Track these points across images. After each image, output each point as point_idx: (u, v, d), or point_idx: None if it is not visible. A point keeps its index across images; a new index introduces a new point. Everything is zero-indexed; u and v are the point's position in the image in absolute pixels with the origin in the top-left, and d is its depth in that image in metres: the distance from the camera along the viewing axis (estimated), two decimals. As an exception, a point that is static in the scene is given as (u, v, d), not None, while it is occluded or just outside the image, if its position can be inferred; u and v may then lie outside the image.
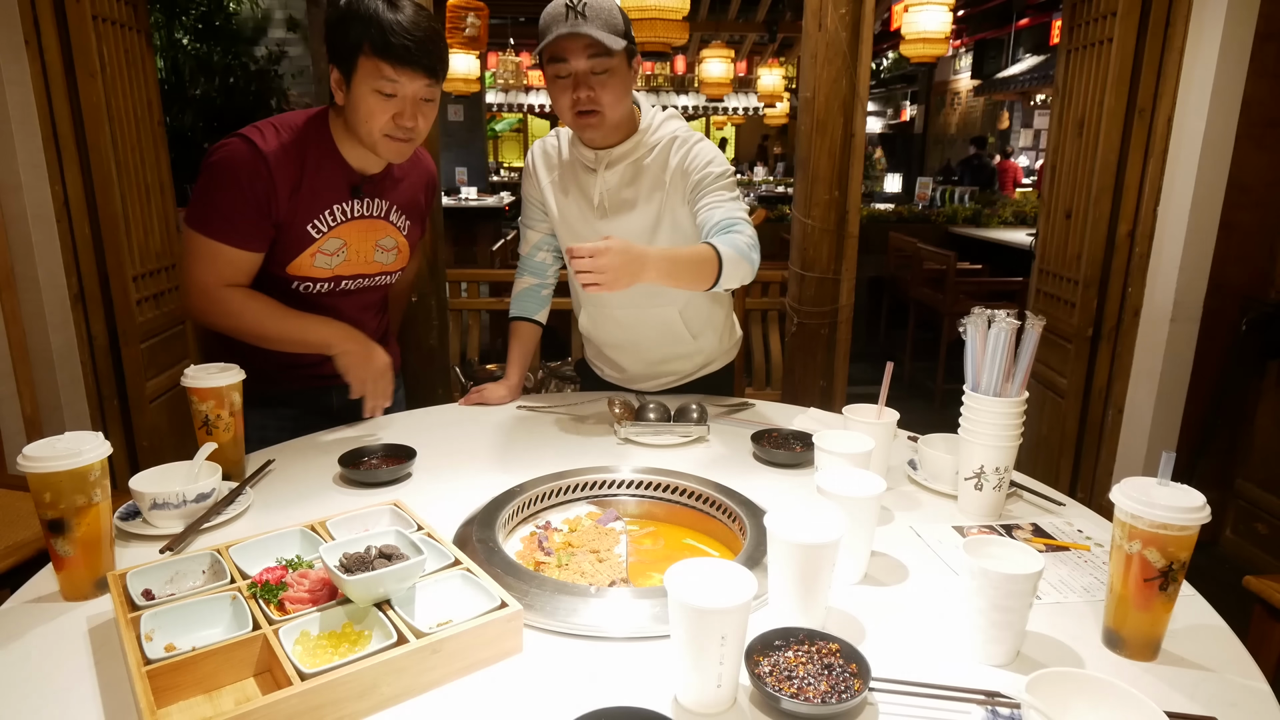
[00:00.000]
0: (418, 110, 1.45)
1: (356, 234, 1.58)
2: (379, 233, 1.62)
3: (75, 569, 0.97)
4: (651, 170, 1.63)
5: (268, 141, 1.45)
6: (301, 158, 1.47)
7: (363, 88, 1.41)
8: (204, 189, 1.45)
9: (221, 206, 1.44)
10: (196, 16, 4.24)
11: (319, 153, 1.50)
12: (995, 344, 1.16)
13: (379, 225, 1.61)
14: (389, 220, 1.62)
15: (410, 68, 1.39)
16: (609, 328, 1.79)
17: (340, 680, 0.76)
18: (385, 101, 1.41)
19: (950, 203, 7.26)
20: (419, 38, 1.38)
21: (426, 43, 1.40)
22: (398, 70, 1.39)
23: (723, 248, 1.41)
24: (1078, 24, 2.81)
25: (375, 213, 1.59)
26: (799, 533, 0.87)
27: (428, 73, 1.42)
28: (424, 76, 1.42)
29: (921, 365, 5.06)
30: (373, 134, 1.45)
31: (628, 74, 1.54)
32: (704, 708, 0.79)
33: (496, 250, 4.64)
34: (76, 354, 2.42)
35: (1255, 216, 2.59)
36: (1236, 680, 0.85)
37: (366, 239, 1.60)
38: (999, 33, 11.09)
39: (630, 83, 1.56)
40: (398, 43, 1.37)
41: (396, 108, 1.42)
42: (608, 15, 1.48)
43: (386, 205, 1.61)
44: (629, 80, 1.55)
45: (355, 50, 1.38)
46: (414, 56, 1.39)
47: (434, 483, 1.34)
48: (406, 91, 1.42)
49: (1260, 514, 2.74)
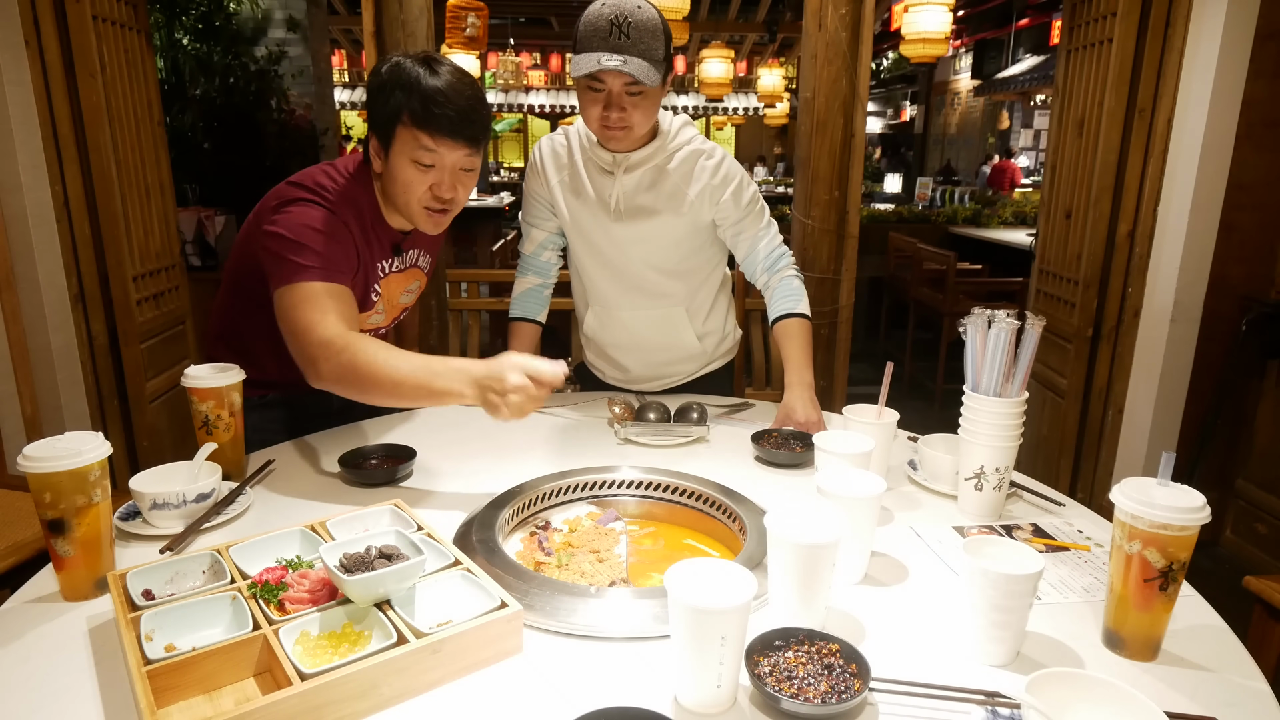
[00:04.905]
0: (457, 181, 1.39)
1: (391, 287, 1.55)
2: (409, 280, 1.60)
3: (75, 569, 0.97)
4: (672, 179, 1.62)
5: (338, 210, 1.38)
6: (362, 228, 1.42)
7: (401, 158, 1.35)
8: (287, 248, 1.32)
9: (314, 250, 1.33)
10: (196, 16, 4.24)
11: (372, 219, 1.45)
12: (995, 344, 1.16)
13: (411, 274, 1.60)
14: (418, 265, 1.61)
15: (450, 138, 1.33)
16: (614, 329, 1.79)
17: (340, 680, 0.76)
18: (424, 172, 1.35)
19: (950, 203, 7.26)
20: (461, 106, 1.32)
21: (469, 111, 1.33)
22: (437, 140, 1.32)
23: (800, 306, 1.66)
24: (1078, 24, 2.81)
25: (409, 264, 1.58)
26: (799, 533, 0.87)
27: (469, 143, 1.36)
28: (465, 146, 1.35)
29: (921, 365, 5.06)
30: (410, 205, 1.39)
31: (660, 93, 1.52)
32: (704, 708, 0.79)
33: (496, 250, 4.64)
34: (76, 354, 2.42)
35: (1255, 216, 2.59)
36: (1236, 680, 0.85)
37: (398, 289, 1.58)
38: (999, 33, 11.10)
39: (661, 98, 1.54)
40: (439, 112, 1.30)
41: (435, 178, 1.36)
42: (650, 37, 1.44)
43: (418, 253, 1.59)
44: (660, 97, 1.54)
45: (394, 119, 1.32)
46: (455, 126, 1.32)
47: (434, 483, 1.34)
48: (446, 162, 1.35)
49: (1260, 514, 2.74)
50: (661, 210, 1.63)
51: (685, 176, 1.62)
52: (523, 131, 18.50)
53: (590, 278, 1.76)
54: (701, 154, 1.63)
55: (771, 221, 1.72)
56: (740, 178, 1.65)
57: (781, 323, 1.65)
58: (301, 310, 1.30)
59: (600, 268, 1.73)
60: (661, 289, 1.73)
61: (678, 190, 1.63)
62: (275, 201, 1.39)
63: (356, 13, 8.01)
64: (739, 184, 1.64)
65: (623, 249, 1.68)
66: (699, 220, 1.65)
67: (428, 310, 3.00)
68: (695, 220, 1.65)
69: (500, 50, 10.58)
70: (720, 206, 1.64)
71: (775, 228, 1.73)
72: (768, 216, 1.71)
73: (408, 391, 1.22)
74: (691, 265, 1.73)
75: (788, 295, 1.67)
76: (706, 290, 1.79)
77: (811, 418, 1.53)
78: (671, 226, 1.65)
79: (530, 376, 1.15)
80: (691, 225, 1.66)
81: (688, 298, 1.75)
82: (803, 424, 1.52)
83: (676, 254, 1.69)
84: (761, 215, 1.70)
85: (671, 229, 1.65)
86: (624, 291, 1.74)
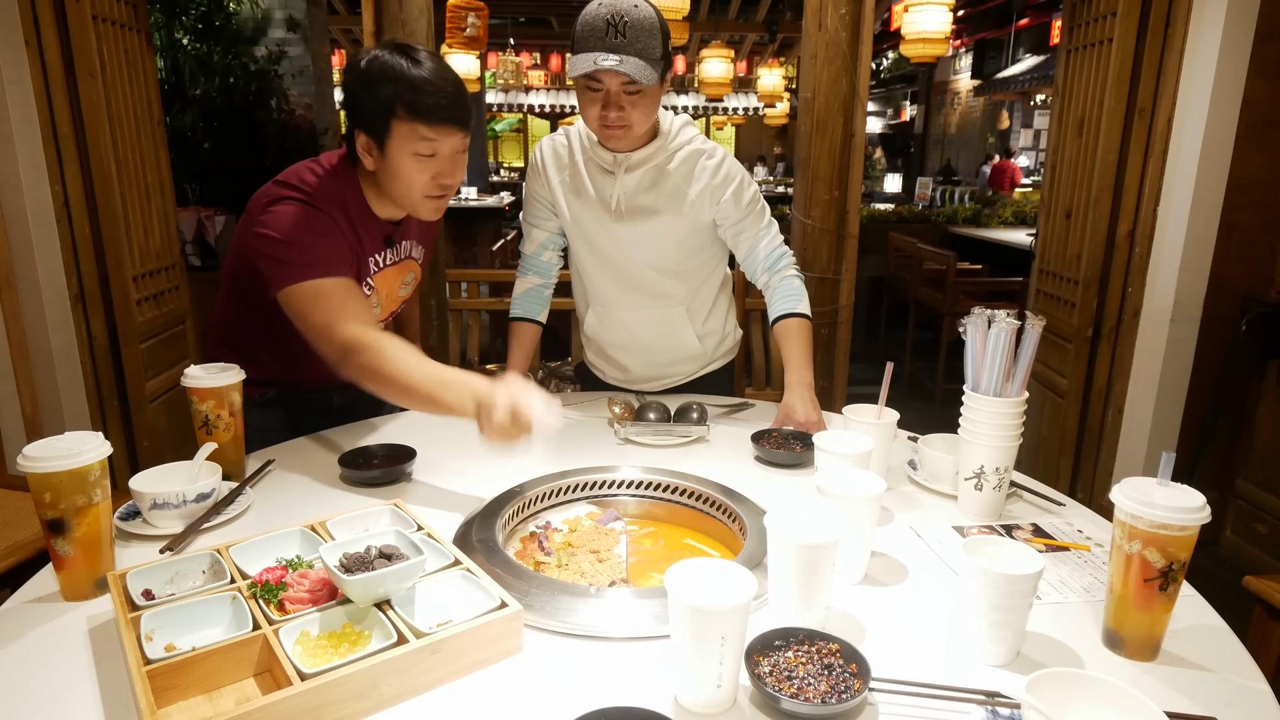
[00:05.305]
0: (455, 165, 1.41)
1: (388, 281, 1.56)
2: (404, 272, 1.61)
3: (75, 569, 0.97)
4: (673, 178, 1.62)
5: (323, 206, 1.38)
6: (350, 223, 1.42)
7: (400, 154, 1.35)
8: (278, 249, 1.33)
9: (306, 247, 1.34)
10: (196, 16, 4.24)
11: (359, 213, 1.45)
12: (995, 344, 1.16)
13: (405, 265, 1.60)
14: (411, 257, 1.62)
15: (447, 125, 1.34)
16: (615, 329, 1.79)
17: (340, 680, 0.76)
18: (425, 162, 1.36)
19: (950, 203, 7.26)
20: (450, 92, 1.33)
21: (457, 95, 1.35)
22: (435, 129, 1.33)
23: (800, 306, 1.66)
24: (1078, 24, 2.81)
25: (403, 255, 1.58)
26: (799, 533, 0.87)
27: (463, 126, 1.37)
28: (460, 130, 1.37)
29: (921, 365, 5.06)
30: (413, 197, 1.40)
31: (659, 91, 1.52)
32: (704, 708, 0.79)
33: (496, 250, 4.64)
34: (76, 354, 2.42)
35: (1255, 216, 2.59)
36: (1236, 680, 0.85)
37: (394, 282, 1.59)
38: (999, 33, 11.10)
39: (661, 97, 1.54)
40: (432, 102, 1.31)
41: (436, 167, 1.38)
42: (647, 35, 1.44)
43: (410, 244, 1.60)
44: (659, 96, 1.53)
45: (387, 114, 1.32)
46: (450, 113, 1.33)
47: (434, 483, 1.34)
48: (444, 149, 1.37)
49: (1260, 514, 2.74)
50: (662, 210, 1.63)
51: (686, 176, 1.63)
52: (523, 131, 18.50)
53: (591, 277, 1.76)
54: (702, 154, 1.63)
55: (772, 221, 1.73)
56: (741, 177, 1.65)
57: (781, 322, 1.65)
58: (313, 310, 1.31)
59: (601, 267, 1.73)
60: (662, 289, 1.73)
61: (678, 190, 1.63)
62: (263, 201, 1.40)
63: (356, 13, 8.01)
64: (740, 184, 1.64)
65: (623, 249, 1.68)
66: (700, 220, 1.66)
67: (428, 310, 3.00)
68: (696, 220, 1.65)
69: (500, 50, 10.58)
70: (721, 206, 1.64)
71: (776, 227, 1.73)
72: (768, 216, 1.72)
73: (417, 399, 1.24)
74: (692, 265, 1.73)
75: (788, 295, 1.67)
76: (707, 290, 1.79)
77: (811, 418, 1.53)
78: (672, 226, 1.65)
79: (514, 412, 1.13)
80: (692, 225, 1.66)
81: (688, 298, 1.76)
82: (803, 424, 1.52)
83: (677, 254, 1.70)
84: (762, 215, 1.70)
85: (672, 229, 1.65)
86: (624, 291, 1.74)
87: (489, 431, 1.16)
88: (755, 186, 1.69)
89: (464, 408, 1.19)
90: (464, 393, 1.19)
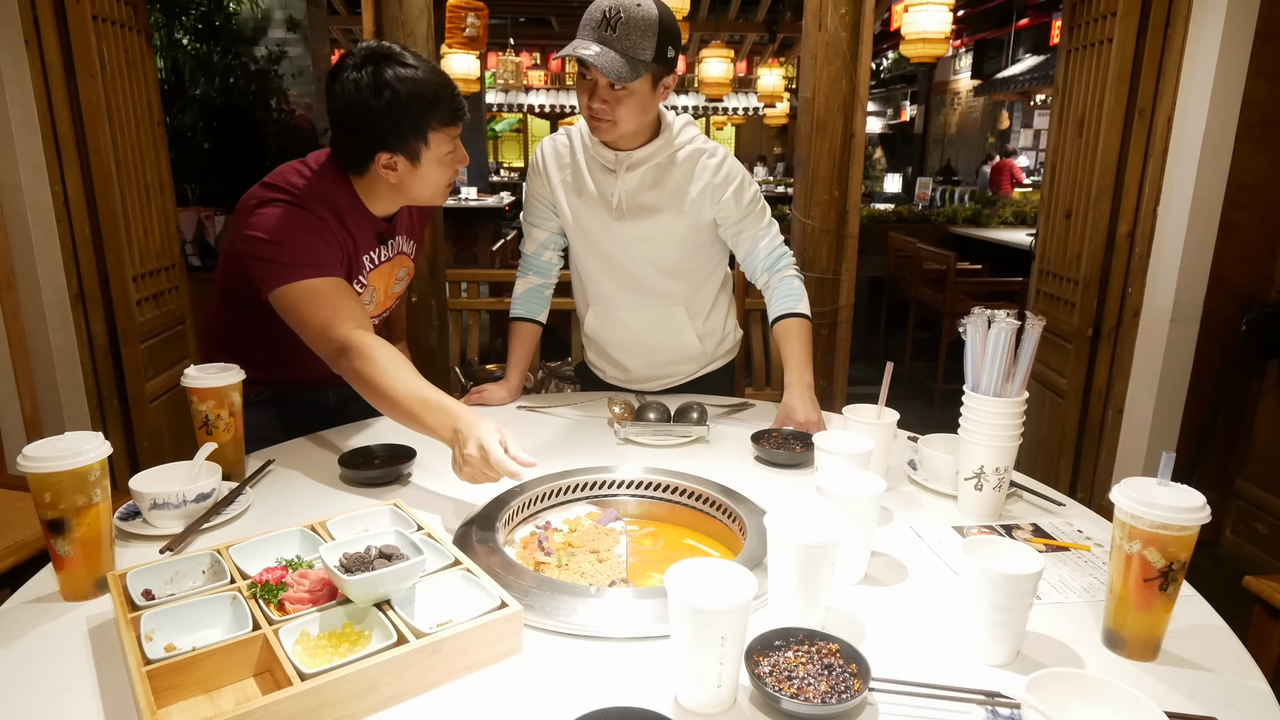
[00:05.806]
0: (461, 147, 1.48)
1: (383, 277, 1.57)
2: (397, 268, 1.62)
3: (75, 569, 0.97)
4: (674, 178, 1.63)
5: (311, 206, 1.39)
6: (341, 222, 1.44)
7: (432, 160, 1.42)
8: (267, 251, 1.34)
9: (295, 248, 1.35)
10: (196, 16, 4.24)
11: (351, 212, 1.46)
12: (995, 344, 1.16)
13: (398, 261, 1.62)
14: (403, 252, 1.63)
15: (462, 119, 1.43)
16: (615, 329, 1.79)
17: (340, 680, 0.76)
18: (450, 158, 1.45)
19: (950, 203, 7.26)
20: (455, 89, 1.41)
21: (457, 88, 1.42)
22: (458, 127, 1.43)
23: (800, 306, 1.66)
24: (1077, 24, 2.81)
25: (395, 251, 1.59)
26: (799, 533, 0.87)
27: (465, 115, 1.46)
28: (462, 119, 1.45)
29: (921, 365, 5.07)
30: (440, 194, 1.48)
31: (650, 94, 1.51)
32: (704, 708, 0.79)
33: (496, 250, 4.64)
34: (76, 354, 2.42)
35: (1255, 216, 2.59)
36: (1236, 680, 0.85)
37: (388, 278, 1.60)
38: (999, 33, 11.10)
39: (652, 100, 1.53)
40: (455, 104, 1.40)
41: (456, 157, 1.46)
42: (638, 35, 1.44)
43: (402, 239, 1.61)
44: (650, 98, 1.52)
45: (423, 129, 1.38)
46: (463, 108, 1.42)
47: (434, 483, 1.33)
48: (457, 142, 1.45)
49: (1260, 514, 2.74)
50: (663, 209, 1.63)
51: (687, 175, 1.63)
52: (522, 131, 18.50)
53: (591, 277, 1.76)
54: (703, 153, 1.63)
55: (772, 221, 1.73)
56: (742, 177, 1.65)
57: (781, 322, 1.65)
58: (306, 311, 1.32)
59: (601, 267, 1.73)
60: (662, 288, 1.73)
61: (679, 189, 1.63)
62: (251, 204, 1.41)
63: (356, 13, 8.01)
64: (740, 183, 1.64)
65: (624, 248, 1.68)
66: (700, 219, 1.66)
67: (428, 310, 3.00)
68: (696, 219, 1.65)
69: (500, 50, 10.59)
70: (721, 206, 1.65)
71: (776, 227, 1.73)
72: (769, 216, 1.72)
73: (399, 413, 1.26)
74: (693, 265, 1.73)
75: (788, 295, 1.67)
76: (707, 290, 1.79)
77: (811, 417, 1.53)
78: (673, 225, 1.65)
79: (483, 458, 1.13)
80: (693, 224, 1.66)
81: (688, 297, 1.76)
82: (803, 424, 1.52)
83: (678, 253, 1.70)
84: (762, 215, 1.70)
85: (673, 228, 1.65)
86: (625, 291, 1.74)
87: (459, 469, 1.18)
88: (756, 186, 1.70)
89: (442, 433, 1.20)
90: (444, 419, 1.20)
